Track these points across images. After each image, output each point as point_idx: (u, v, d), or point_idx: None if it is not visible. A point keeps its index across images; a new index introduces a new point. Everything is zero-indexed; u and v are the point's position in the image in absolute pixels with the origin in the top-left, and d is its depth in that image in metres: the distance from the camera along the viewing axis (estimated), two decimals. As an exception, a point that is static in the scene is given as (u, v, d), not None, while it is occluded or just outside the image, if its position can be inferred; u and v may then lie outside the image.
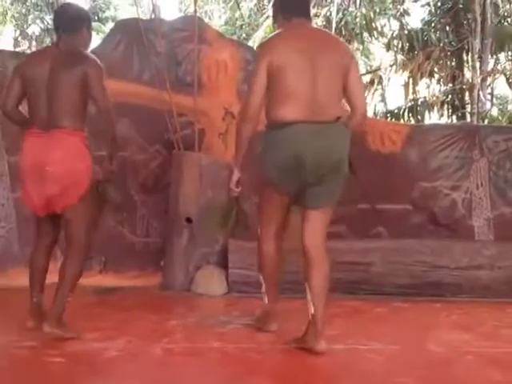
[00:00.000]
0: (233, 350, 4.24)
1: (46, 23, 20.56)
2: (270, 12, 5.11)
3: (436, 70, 14.05)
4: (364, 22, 14.27)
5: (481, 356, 4.33)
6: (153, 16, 8.84)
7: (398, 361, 4.21)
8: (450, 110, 14.17)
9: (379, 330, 5.06)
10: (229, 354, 4.22)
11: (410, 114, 14.10)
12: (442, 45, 13.45)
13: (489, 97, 14.50)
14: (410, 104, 14.18)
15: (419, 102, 14.19)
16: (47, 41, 20.21)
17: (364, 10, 14.49)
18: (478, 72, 13.05)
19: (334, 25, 14.10)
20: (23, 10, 21.09)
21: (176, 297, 6.37)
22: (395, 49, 14.17)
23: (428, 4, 14.66)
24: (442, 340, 4.78)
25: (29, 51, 17.42)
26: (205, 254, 6.71)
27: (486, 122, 13.11)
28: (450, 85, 14.07)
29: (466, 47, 13.43)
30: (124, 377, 3.76)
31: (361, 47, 16.82)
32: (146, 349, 4.25)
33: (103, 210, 4.88)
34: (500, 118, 15.23)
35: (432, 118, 14.22)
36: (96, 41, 16.97)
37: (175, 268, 6.66)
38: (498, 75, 14.14)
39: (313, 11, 14.46)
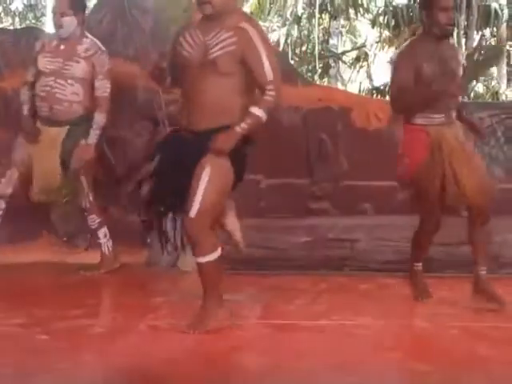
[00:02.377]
0: (219, 327, 4.25)
1: (29, -1, 20.41)
2: None
3: (421, 46, 14.04)
4: (350, -1, 14.26)
5: (466, 330, 4.36)
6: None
7: (385, 336, 4.23)
8: (436, 87, 14.16)
9: (366, 306, 5.07)
10: (215, 330, 4.22)
11: (396, 91, 14.09)
12: (427, 21, 13.42)
13: (474, 73, 14.50)
14: (395, 81, 14.16)
15: (405, 79, 14.17)
16: (30, 17, 20.03)
17: (349, -13, 14.46)
18: (464, 48, 13.05)
19: (318, 1, 14.05)
20: (6, -14, 20.94)
21: (162, 273, 6.37)
22: (381, 25, 14.14)
23: (413, -20, 14.63)
24: (428, 315, 4.80)
25: (11, 28, 17.24)
26: (191, 231, 6.69)
27: (471, 98, 13.13)
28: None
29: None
30: (109, 353, 3.77)
31: (346, 24, 16.78)
32: (130, 325, 4.25)
33: None
34: (485, 94, 15.25)
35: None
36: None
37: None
38: (483, 51, 14.15)
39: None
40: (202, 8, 3.95)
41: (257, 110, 3.98)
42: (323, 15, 15.17)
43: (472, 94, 13.48)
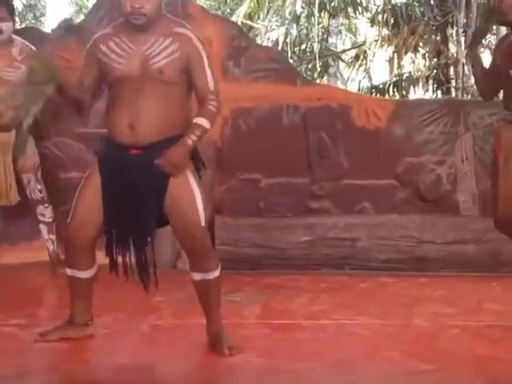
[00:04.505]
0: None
1: (28, -1, 20.41)
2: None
3: (421, 44, 14.02)
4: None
5: (466, 330, 4.37)
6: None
7: (384, 335, 4.24)
8: (435, 85, 14.17)
9: (365, 305, 5.08)
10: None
11: (395, 90, 14.10)
12: (426, 19, 13.42)
13: (473, 71, 14.49)
14: (394, 79, 14.17)
15: (404, 77, 14.18)
16: (29, 17, 20.03)
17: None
18: (463, 46, 13.04)
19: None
20: (5, -14, 20.88)
21: (162, 273, 6.35)
22: (380, 24, 14.13)
23: (412, -22, 14.62)
24: (428, 314, 4.81)
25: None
26: (191, 231, 6.71)
27: (470, 96, 13.12)
28: (435, 59, 14.06)
29: (451, 21, 13.41)
30: (113, 354, 3.78)
31: (346, 22, 16.78)
32: (133, 325, 4.26)
33: None
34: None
35: (417, 93, 14.22)
36: (79, 16, 16.88)
37: (161, 245, 6.65)
38: (482, 49, 14.14)
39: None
40: (134, 19, 3.69)
41: (204, 122, 3.72)
42: (322, 14, 15.17)
43: (472, 93, 13.47)
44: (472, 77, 13.21)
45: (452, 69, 13.84)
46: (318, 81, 14.08)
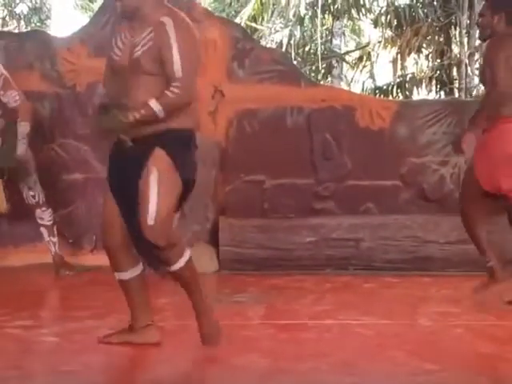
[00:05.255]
0: (224, 327, 4.25)
1: (34, 2, 20.39)
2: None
3: (424, 45, 14.02)
4: (352, -1, 14.24)
5: (470, 329, 4.37)
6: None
7: (389, 335, 4.24)
8: (439, 86, 14.15)
9: (370, 305, 5.09)
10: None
11: (399, 90, 14.08)
12: (429, 20, 13.41)
13: (477, 72, 14.48)
14: (398, 80, 14.16)
15: (407, 78, 14.17)
16: (35, 20, 20.03)
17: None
18: (466, 47, 13.03)
19: (321, 1, 14.04)
20: (11, -11, 20.93)
21: (166, 275, 6.37)
22: (383, 25, 14.12)
23: (415, -20, 14.62)
24: (432, 314, 4.82)
25: (17, 31, 17.27)
26: (195, 232, 6.73)
27: (473, 97, 13.11)
28: (438, 60, 14.05)
29: (454, 22, 13.40)
30: (117, 355, 3.79)
31: (349, 24, 16.78)
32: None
33: None
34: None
35: (420, 93, 14.20)
36: (84, 19, 16.86)
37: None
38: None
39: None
40: (118, 7, 3.68)
41: (155, 105, 3.52)
42: (326, 16, 15.16)
43: (474, 93, 13.46)
44: (475, 77, 13.26)
45: (455, 69, 13.82)
46: (321, 82, 14.05)
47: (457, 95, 13.27)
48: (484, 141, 5.11)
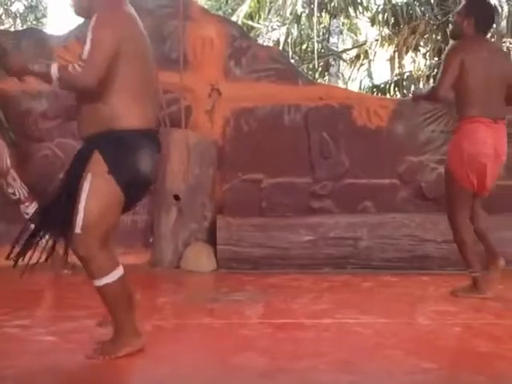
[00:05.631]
0: (222, 326, 4.27)
1: (30, 1, 20.38)
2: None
3: (421, 43, 14.03)
4: (349, -3, 14.25)
5: (468, 328, 4.38)
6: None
7: (387, 334, 4.24)
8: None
9: (368, 304, 5.09)
10: (218, 329, 4.24)
11: (396, 89, 14.10)
12: (427, 18, 13.42)
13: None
14: (396, 78, 14.17)
15: (405, 77, 14.18)
16: (31, 18, 20.02)
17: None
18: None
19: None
20: (6, -13, 20.91)
21: (165, 274, 6.39)
22: (380, 23, 14.12)
23: (412, -23, 14.62)
24: (430, 312, 4.82)
25: (12, 29, 17.23)
26: (193, 231, 6.73)
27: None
28: (436, 59, 14.05)
29: (451, 20, 13.40)
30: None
31: (347, 22, 16.78)
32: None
33: None
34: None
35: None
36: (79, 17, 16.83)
37: (164, 245, 6.67)
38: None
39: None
40: None
41: (54, 67, 3.47)
42: (323, 14, 15.16)
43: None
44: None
45: (453, 68, 13.81)
46: (319, 80, 14.05)
47: (454, 93, 13.27)
48: (453, 141, 5.37)
